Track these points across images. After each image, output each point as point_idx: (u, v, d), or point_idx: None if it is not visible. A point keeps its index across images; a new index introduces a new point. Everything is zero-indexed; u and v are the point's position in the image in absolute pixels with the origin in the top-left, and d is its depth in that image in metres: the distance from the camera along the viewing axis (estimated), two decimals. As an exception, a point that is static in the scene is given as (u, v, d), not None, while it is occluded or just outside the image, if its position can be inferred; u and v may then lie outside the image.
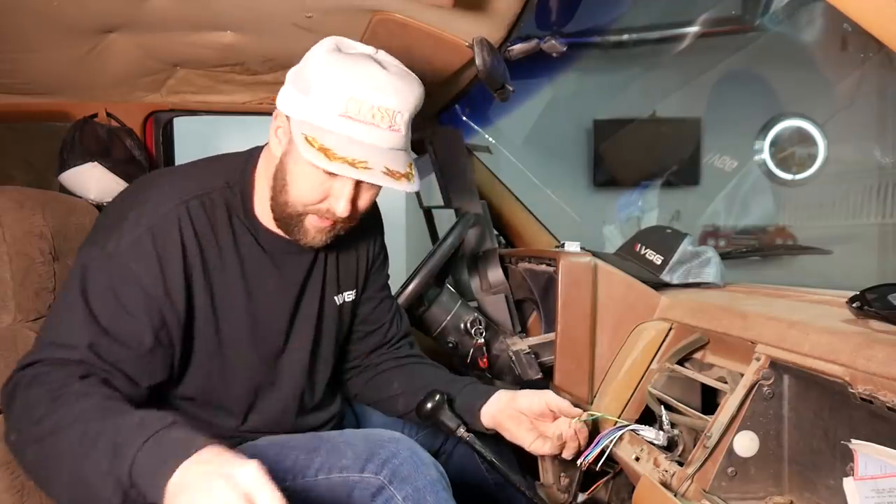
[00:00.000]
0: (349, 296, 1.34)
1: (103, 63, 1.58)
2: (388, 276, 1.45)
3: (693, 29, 3.46)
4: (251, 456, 1.12)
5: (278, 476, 1.07)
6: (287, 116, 1.08)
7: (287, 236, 1.17)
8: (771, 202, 4.44)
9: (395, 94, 1.04)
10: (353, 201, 1.10)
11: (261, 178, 1.17)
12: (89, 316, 1.01)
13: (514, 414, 1.24)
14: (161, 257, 1.06)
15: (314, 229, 1.13)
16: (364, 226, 1.24)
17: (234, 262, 1.15)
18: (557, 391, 1.44)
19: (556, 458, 1.30)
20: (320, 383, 1.31)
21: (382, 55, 1.10)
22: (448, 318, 1.67)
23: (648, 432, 1.19)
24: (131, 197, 1.14)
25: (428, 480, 1.03)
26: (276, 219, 1.15)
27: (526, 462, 1.41)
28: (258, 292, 1.18)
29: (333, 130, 1.02)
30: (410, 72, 1.11)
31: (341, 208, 1.08)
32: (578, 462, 1.23)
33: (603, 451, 1.20)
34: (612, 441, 1.20)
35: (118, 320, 1.02)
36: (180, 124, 2.12)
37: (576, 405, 1.27)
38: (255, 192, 1.17)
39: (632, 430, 1.21)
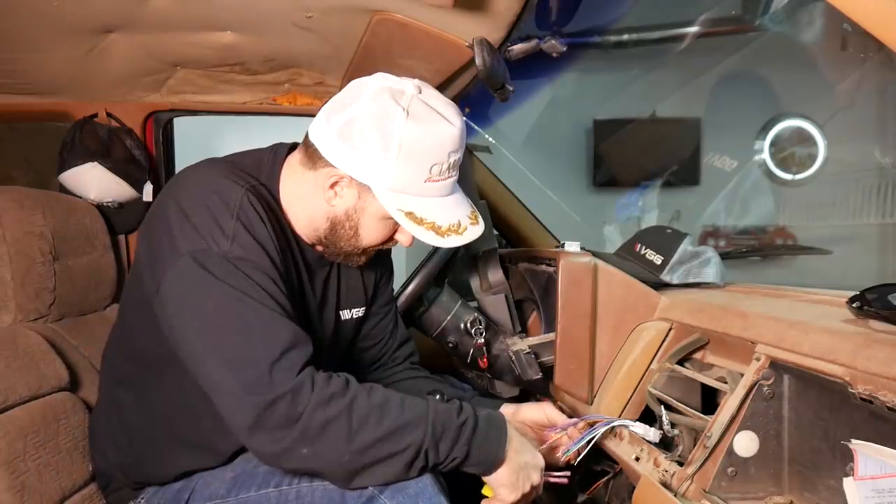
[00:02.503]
0: (357, 312, 1.36)
1: (103, 63, 1.58)
2: (392, 290, 1.48)
3: (693, 29, 3.46)
4: (252, 459, 1.14)
5: (273, 484, 1.08)
6: (349, 177, 1.08)
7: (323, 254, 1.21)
8: (771, 202, 4.44)
9: (462, 145, 1.09)
10: None
11: (289, 197, 1.16)
12: (282, 313, 1.02)
13: (518, 425, 1.26)
14: (260, 242, 1.05)
15: (369, 256, 1.21)
16: None
17: (289, 260, 1.14)
18: (557, 391, 1.44)
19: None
20: None
21: (429, 94, 1.10)
22: (448, 318, 1.67)
23: (638, 427, 1.19)
24: (191, 194, 1.07)
25: (421, 486, 1.03)
26: (329, 252, 1.19)
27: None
28: (297, 297, 1.18)
29: (422, 195, 1.08)
30: (449, 101, 1.12)
31: (409, 242, 1.16)
32: (558, 455, 1.23)
33: (588, 445, 1.20)
34: (595, 436, 1.20)
35: (285, 304, 1.04)
36: (180, 124, 2.12)
37: (574, 409, 1.27)
38: (281, 199, 1.17)
39: (622, 424, 1.21)
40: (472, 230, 1.12)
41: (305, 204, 1.15)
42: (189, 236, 1.02)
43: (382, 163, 1.05)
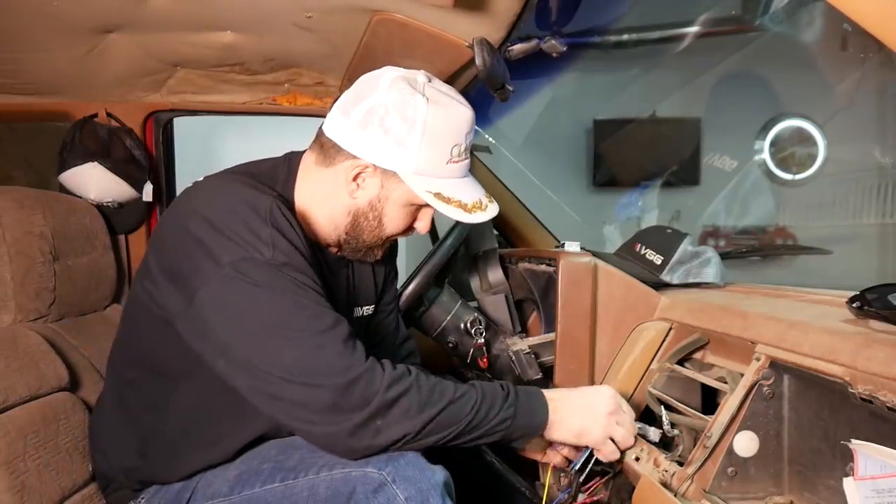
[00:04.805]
0: (367, 310, 1.38)
1: (103, 63, 1.58)
2: (397, 288, 1.50)
3: (693, 29, 3.45)
4: (255, 457, 1.14)
5: (278, 479, 1.08)
6: (374, 165, 1.10)
7: (339, 254, 1.24)
8: (771, 202, 4.44)
9: (473, 127, 1.13)
10: None
11: (307, 200, 1.17)
12: (331, 308, 1.04)
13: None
14: (294, 245, 1.06)
15: (385, 249, 1.24)
16: None
17: (315, 264, 1.13)
18: (557, 391, 1.44)
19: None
20: None
21: (437, 82, 1.14)
22: (448, 318, 1.67)
23: (638, 427, 1.19)
24: (216, 205, 1.06)
25: (432, 483, 1.03)
26: (350, 248, 1.21)
27: (526, 462, 1.41)
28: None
29: (446, 176, 1.11)
30: (453, 88, 1.16)
31: (427, 228, 1.20)
32: (570, 468, 1.23)
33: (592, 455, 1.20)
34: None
35: (328, 301, 1.07)
36: (180, 124, 2.12)
37: None
38: (298, 205, 1.18)
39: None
40: (493, 207, 1.17)
41: (325, 203, 1.17)
42: (227, 247, 1.02)
43: (408, 147, 1.08)
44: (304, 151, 1.21)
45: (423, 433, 1.03)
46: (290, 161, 1.21)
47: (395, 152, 1.08)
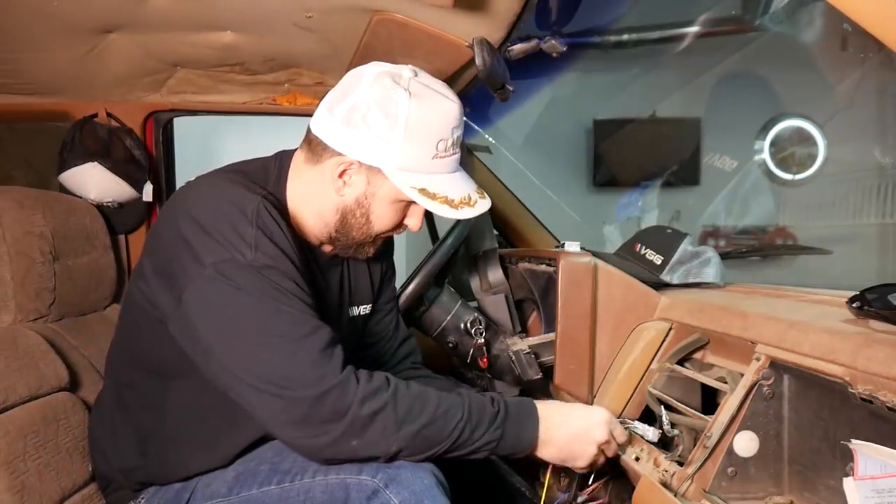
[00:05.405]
0: (364, 309, 1.37)
1: (103, 63, 1.58)
2: (395, 288, 1.49)
3: (693, 29, 3.45)
4: (252, 458, 1.14)
5: (275, 481, 1.08)
6: (358, 162, 1.09)
7: (331, 252, 1.23)
8: (771, 202, 4.44)
9: (462, 122, 1.12)
10: None
11: (297, 199, 1.17)
12: (313, 315, 1.03)
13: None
14: (280, 247, 1.05)
15: (377, 246, 1.23)
16: None
17: (302, 264, 1.13)
18: (557, 391, 1.44)
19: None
20: None
21: (424, 76, 1.13)
22: (448, 318, 1.67)
23: (638, 427, 1.20)
24: (204, 206, 1.06)
25: (425, 485, 1.03)
26: (340, 245, 1.20)
27: (526, 462, 1.41)
28: (316, 299, 1.16)
29: (432, 172, 1.10)
30: (443, 82, 1.15)
31: (418, 225, 1.19)
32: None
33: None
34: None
35: (312, 305, 1.05)
36: (180, 124, 2.12)
37: None
38: (289, 203, 1.18)
39: (620, 423, 1.21)
40: (482, 203, 1.15)
41: (314, 200, 1.16)
42: (211, 248, 1.02)
43: (391, 143, 1.07)
44: (294, 150, 1.21)
45: (403, 453, 1.02)
46: (281, 160, 1.20)
47: (378, 148, 1.07)
